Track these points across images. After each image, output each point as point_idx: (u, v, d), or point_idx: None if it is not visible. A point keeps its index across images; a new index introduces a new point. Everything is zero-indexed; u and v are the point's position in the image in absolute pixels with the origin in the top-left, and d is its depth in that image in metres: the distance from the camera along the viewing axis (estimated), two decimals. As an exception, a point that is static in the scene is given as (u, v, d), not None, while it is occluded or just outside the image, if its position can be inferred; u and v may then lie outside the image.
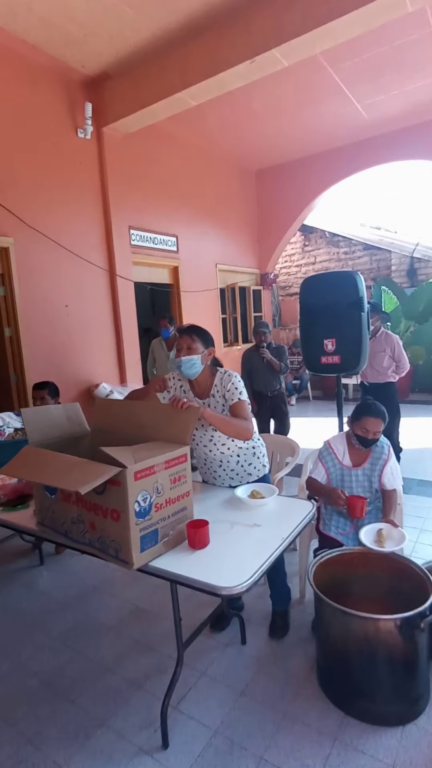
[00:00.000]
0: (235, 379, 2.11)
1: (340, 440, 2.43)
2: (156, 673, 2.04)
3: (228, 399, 2.08)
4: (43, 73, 4.40)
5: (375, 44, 4.46)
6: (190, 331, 2.10)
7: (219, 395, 2.10)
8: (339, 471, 2.38)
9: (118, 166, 5.17)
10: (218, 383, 2.11)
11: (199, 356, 2.05)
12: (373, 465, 2.36)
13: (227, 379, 2.10)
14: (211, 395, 2.12)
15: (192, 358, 2.03)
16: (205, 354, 2.09)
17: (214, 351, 2.14)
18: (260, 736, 1.70)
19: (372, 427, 2.26)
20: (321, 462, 2.40)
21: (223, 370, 2.16)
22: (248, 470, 2.23)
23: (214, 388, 2.12)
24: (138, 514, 1.49)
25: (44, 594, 2.76)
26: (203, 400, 2.14)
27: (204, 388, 2.14)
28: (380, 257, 9.08)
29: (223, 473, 2.23)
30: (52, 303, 4.56)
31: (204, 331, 2.14)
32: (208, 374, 2.14)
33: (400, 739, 1.66)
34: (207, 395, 2.13)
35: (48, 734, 1.77)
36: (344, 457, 2.38)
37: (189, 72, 4.27)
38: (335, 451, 2.40)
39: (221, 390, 2.10)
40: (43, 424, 1.92)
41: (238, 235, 7.76)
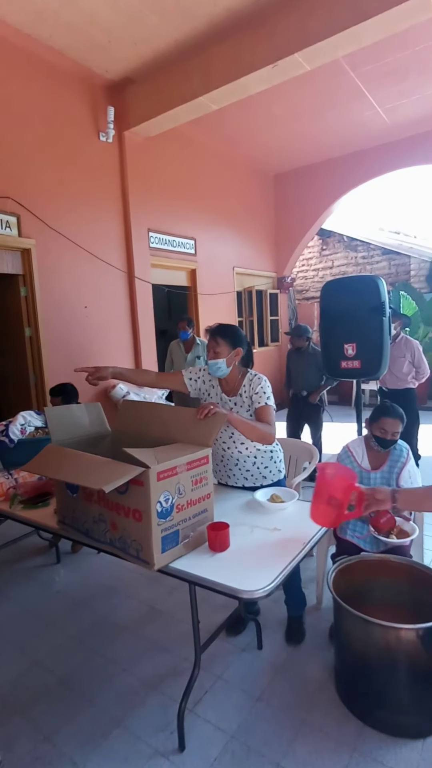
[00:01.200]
0: (264, 383, 2.14)
1: (359, 443, 2.44)
2: (171, 675, 2.04)
3: (255, 401, 2.11)
4: (67, 78, 4.47)
5: (398, 48, 4.43)
6: (215, 333, 2.12)
7: (246, 396, 2.13)
8: (358, 474, 2.36)
9: (138, 169, 5.22)
10: (247, 384, 2.14)
11: (224, 360, 2.08)
12: (392, 468, 2.34)
13: (256, 382, 2.13)
14: (239, 395, 2.15)
15: (217, 362, 2.08)
16: (232, 355, 2.11)
17: (243, 351, 2.14)
18: (277, 742, 1.68)
19: (390, 427, 2.26)
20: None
21: (253, 372, 2.18)
22: (263, 473, 2.23)
23: (243, 388, 2.15)
24: (160, 514, 1.49)
25: (60, 593, 2.78)
26: (231, 398, 2.16)
27: (232, 386, 2.18)
28: (399, 262, 8.99)
29: (239, 473, 2.23)
30: (71, 304, 4.62)
31: (231, 331, 2.14)
32: (236, 374, 2.17)
33: (421, 752, 1.62)
34: (235, 394, 2.16)
35: (65, 732, 1.78)
36: (363, 460, 2.38)
37: (211, 76, 4.30)
38: (354, 454, 2.41)
39: (249, 391, 2.13)
40: (66, 423, 1.94)
41: (255, 238, 7.77)
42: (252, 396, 2.11)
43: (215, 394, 2.21)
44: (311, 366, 4.27)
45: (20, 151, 4.13)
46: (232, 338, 2.11)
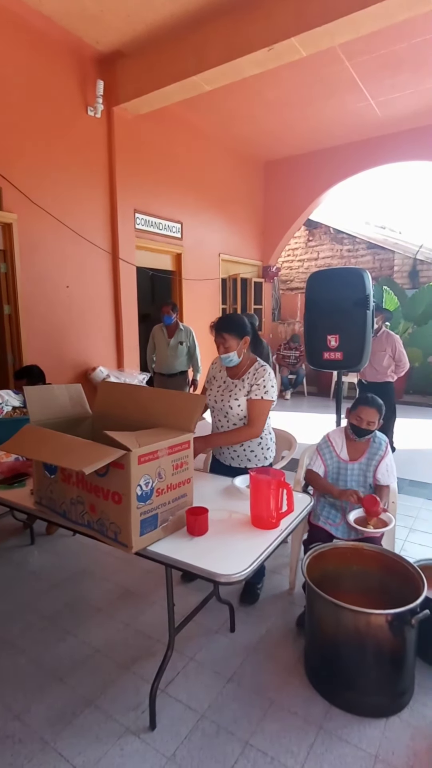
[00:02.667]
0: (268, 376, 2.22)
1: (339, 433, 2.48)
2: (145, 656, 2.06)
3: (252, 392, 2.21)
4: (56, 46, 4.31)
5: (394, 40, 4.41)
6: (221, 330, 2.20)
7: (247, 382, 2.24)
8: (336, 464, 2.42)
9: (126, 147, 5.10)
10: (252, 372, 2.25)
11: (234, 352, 2.21)
12: (370, 460, 2.39)
13: (261, 373, 2.23)
14: (241, 379, 2.26)
15: (228, 356, 2.22)
16: (241, 345, 2.22)
17: (249, 338, 2.24)
18: (247, 721, 1.72)
19: (366, 416, 2.29)
20: (319, 455, 2.45)
21: (261, 362, 2.28)
22: (249, 456, 2.33)
23: (247, 374, 2.26)
24: (140, 498, 1.49)
25: (34, 574, 2.76)
26: (234, 381, 2.29)
27: (238, 371, 2.30)
28: (383, 257, 9.08)
29: (227, 451, 2.37)
30: (53, 283, 4.52)
31: (236, 322, 2.22)
32: (245, 360, 2.29)
33: (384, 730, 1.69)
34: (238, 378, 2.28)
35: (35, 711, 1.78)
36: (342, 451, 2.42)
37: (205, 55, 4.20)
38: (333, 444, 2.44)
39: (251, 380, 2.23)
40: (45, 403, 1.90)
41: (242, 225, 7.71)
42: (252, 385, 2.21)
43: (221, 377, 2.36)
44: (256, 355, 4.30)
45: (2, 120, 3.97)
46: (238, 330, 2.20)
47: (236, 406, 2.25)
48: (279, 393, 8.12)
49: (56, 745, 1.65)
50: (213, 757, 1.59)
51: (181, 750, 1.62)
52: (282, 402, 7.86)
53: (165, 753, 1.61)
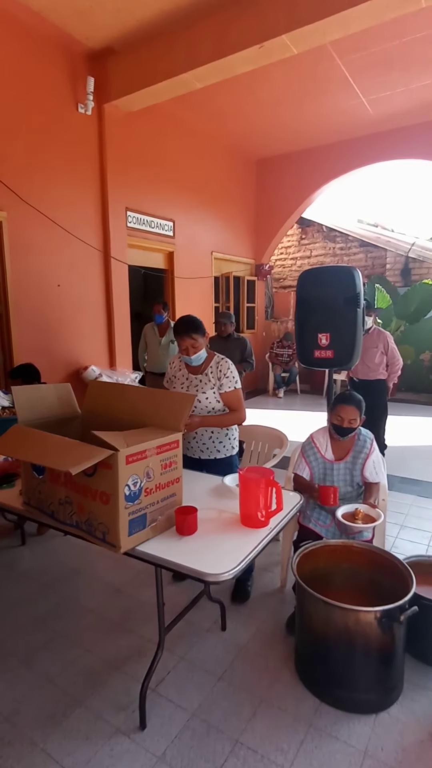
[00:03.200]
0: (232, 366, 2.36)
1: (323, 433, 2.42)
2: (135, 656, 2.05)
3: (225, 385, 2.31)
4: (46, 42, 4.27)
5: (385, 38, 4.42)
6: (188, 331, 2.27)
7: (213, 375, 2.33)
8: (321, 465, 2.37)
9: (118, 145, 5.07)
10: (214, 366, 2.35)
11: (203, 350, 2.32)
12: (355, 458, 2.34)
13: (224, 365, 2.33)
14: (205, 374, 2.35)
15: (199, 355, 2.30)
16: (206, 342, 2.35)
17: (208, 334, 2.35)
18: (237, 719, 1.73)
19: (346, 414, 2.24)
20: (303, 457, 2.39)
21: (220, 356, 2.39)
22: (218, 447, 2.40)
23: (209, 368, 2.35)
24: (128, 498, 1.48)
25: (25, 574, 2.75)
26: (196, 376, 2.36)
27: (199, 366, 2.37)
28: (376, 255, 9.10)
29: (195, 445, 2.40)
30: (43, 281, 4.49)
31: (196, 323, 2.32)
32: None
33: (373, 726, 1.70)
34: (200, 373, 2.36)
35: (25, 713, 1.78)
36: (327, 451, 2.37)
37: (196, 52, 4.18)
38: (318, 445, 2.39)
39: (216, 373, 2.33)
40: (34, 403, 1.89)
41: (235, 223, 7.71)
42: (220, 378, 2.31)
43: (182, 375, 2.42)
44: (235, 352, 4.28)
45: (-8, 116, 3.93)
46: (202, 329, 2.31)
47: (204, 399, 2.31)
48: (272, 391, 8.16)
49: (45, 746, 1.64)
50: (203, 756, 1.59)
51: (171, 749, 1.62)
52: (275, 400, 7.87)
53: (155, 752, 1.61)
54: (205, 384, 2.33)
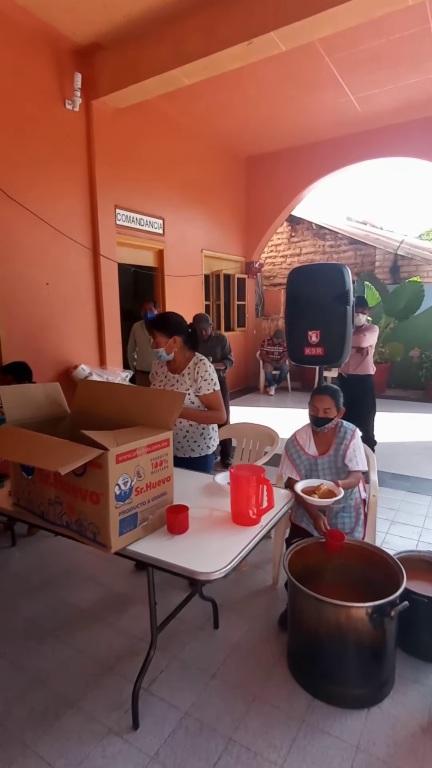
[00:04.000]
0: (210, 368, 2.39)
1: (306, 429, 2.40)
2: (127, 656, 2.05)
3: (203, 388, 2.35)
4: (32, 37, 4.21)
5: (373, 36, 4.42)
6: (152, 326, 2.35)
7: (189, 376, 2.38)
8: (306, 462, 2.34)
9: (106, 142, 5.02)
10: (192, 367, 2.39)
11: (163, 349, 2.34)
12: (337, 450, 2.30)
13: (202, 367, 2.37)
14: (182, 374, 2.40)
15: (157, 351, 2.36)
16: (170, 343, 2.35)
17: (180, 339, 2.37)
18: (230, 717, 1.73)
19: (320, 404, 2.24)
20: (288, 458, 2.35)
21: (199, 356, 2.43)
22: (192, 446, 2.43)
23: (187, 369, 2.40)
24: (118, 497, 1.47)
25: (15, 575, 2.72)
26: (174, 375, 2.43)
27: (177, 366, 2.43)
28: (365, 252, 9.15)
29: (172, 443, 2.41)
30: (32, 280, 4.44)
31: (166, 323, 2.36)
32: (181, 357, 2.41)
33: (365, 721, 1.71)
34: (178, 373, 2.42)
35: (17, 715, 1.76)
36: (310, 447, 2.34)
37: (184, 49, 4.16)
38: (300, 442, 2.36)
39: (193, 374, 2.37)
40: (22, 402, 1.87)
41: (225, 221, 7.69)
42: (197, 380, 2.35)
43: (162, 372, 2.49)
44: (216, 350, 4.31)
45: (-22, 112, 3.87)
46: (168, 329, 2.33)
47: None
48: (263, 389, 8.17)
49: (37, 748, 1.63)
50: (196, 755, 1.59)
51: (164, 748, 1.61)
52: (266, 398, 7.89)
53: (148, 752, 1.60)
54: (181, 384, 2.38)
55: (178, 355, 2.40)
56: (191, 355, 2.42)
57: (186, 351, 2.41)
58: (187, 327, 2.42)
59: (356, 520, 2.31)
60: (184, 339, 2.39)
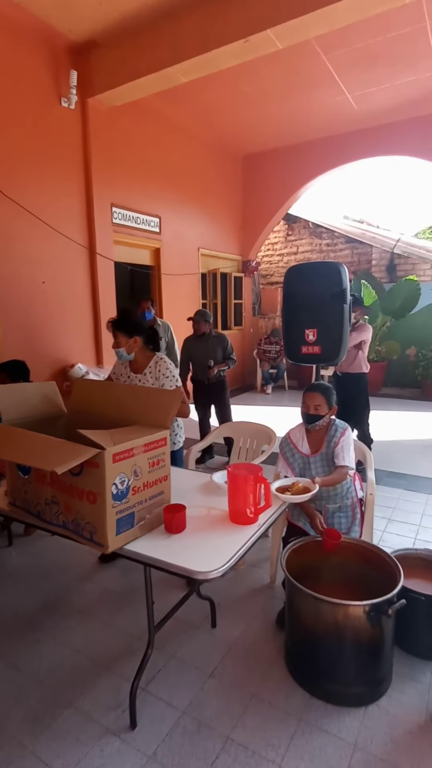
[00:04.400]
0: (171, 366, 2.48)
1: (299, 428, 2.38)
2: (125, 655, 2.04)
3: (166, 385, 2.43)
4: (27, 34, 4.19)
5: (369, 34, 4.42)
6: (113, 326, 2.42)
7: (151, 375, 2.48)
8: (300, 460, 2.33)
9: (102, 140, 5.00)
10: (152, 365, 2.48)
11: (123, 349, 2.42)
12: (329, 448, 2.29)
13: (162, 365, 2.46)
14: (143, 374, 2.50)
15: (118, 351, 2.43)
16: (131, 343, 2.42)
17: (141, 339, 2.44)
18: (228, 716, 1.73)
19: (310, 400, 2.25)
20: (282, 456, 2.34)
21: (160, 355, 2.51)
22: None
23: (148, 368, 2.49)
24: (115, 496, 1.46)
25: (12, 575, 2.71)
26: (137, 375, 2.51)
27: (139, 366, 2.52)
28: (361, 251, 9.16)
29: None
30: (28, 279, 4.42)
31: (126, 323, 2.43)
32: (141, 356, 2.49)
33: (363, 719, 1.71)
34: (140, 372, 2.51)
35: (14, 715, 1.75)
36: (303, 445, 2.33)
37: (181, 46, 4.14)
38: (294, 440, 2.35)
39: (155, 372, 2.47)
40: (18, 401, 1.86)
41: (222, 219, 7.68)
42: (159, 378, 2.44)
43: (125, 373, 2.56)
44: (218, 349, 4.21)
45: (-27, 110, 3.84)
46: (128, 329, 2.41)
47: None
48: (260, 387, 8.17)
49: (35, 749, 1.62)
50: (194, 754, 1.58)
51: (162, 748, 1.61)
52: (263, 396, 7.89)
53: (146, 752, 1.60)
54: (144, 384, 2.46)
55: (138, 355, 2.48)
56: (152, 355, 2.50)
57: (146, 351, 2.49)
58: (147, 328, 2.51)
59: (353, 519, 2.31)
60: (145, 339, 2.47)
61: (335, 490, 2.27)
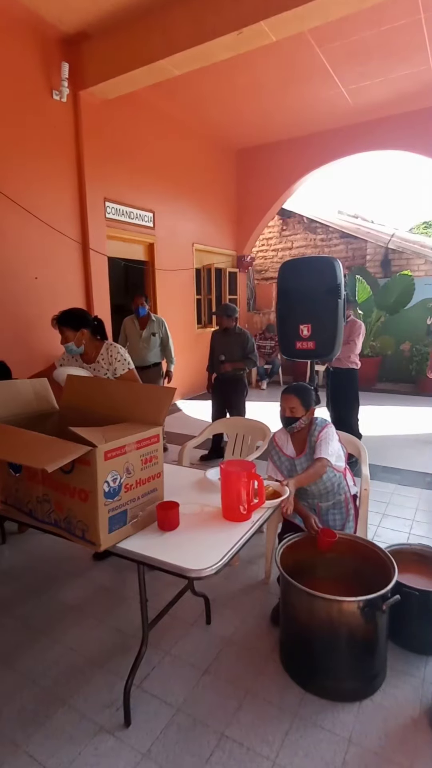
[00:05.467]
0: (122, 350, 2.58)
1: (283, 431, 2.34)
2: (119, 653, 2.03)
3: (119, 369, 2.54)
4: (16, 25, 4.11)
5: (364, 27, 4.39)
6: (58, 323, 2.48)
7: (104, 362, 2.56)
8: (286, 463, 2.29)
9: (94, 133, 4.94)
10: (104, 352, 2.56)
11: (72, 343, 2.48)
12: (311, 449, 2.25)
13: (113, 350, 2.56)
14: (97, 361, 2.57)
15: (68, 345, 2.50)
16: (78, 336, 2.49)
17: (87, 330, 2.51)
18: (222, 713, 1.72)
19: (285, 403, 2.22)
20: (272, 461, 2.32)
21: (110, 342, 2.59)
22: None
23: (100, 356, 2.57)
24: (107, 494, 1.45)
25: (5, 573, 2.69)
26: (89, 365, 2.58)
27: (90, 356, 2.59)
28: (356, 246, 9.14)
29: None
30: (19, 274, 4.37)
31: (71, 317, 2.49)
32: (91, 347, 2.57)
33: (357, 713, 1.72)
34: (93, 361, 2.58)
35: (7, 714, 1.74)
36: (287, 447, 2.30)
37: (174, 38, 4.09)
38: (279, 444, 2.32)
39: (107, 358, 2.55)
40: (9, 399, 1.83)
41: (216, 214, 7.63)
42: (112, 363, 2.53)
43: (78, 365, 2.60)
44: (237, 347, 4.13)
45: (-38, 102, 3.78)
46: (73, 323, 2.47)
47: None
48: (255, 383, 8.15)
49: (28, 748, 1.61)
50: (189, 751, 1.58)
51: (156, 745, 1.61)
52: (258, 392, 7.88)
53: (140, 749, 1.59)
54: (98, 371, 2.55)
55: (88, 346, 2.55)
56: (100, 344, 2.58)
57: (95, 341, 2.57)
58: (92, 319, 2.58)
59: (347, 515, 2.31)
60: (91, 330, 2.54)
61: (325, 488, 2.23)
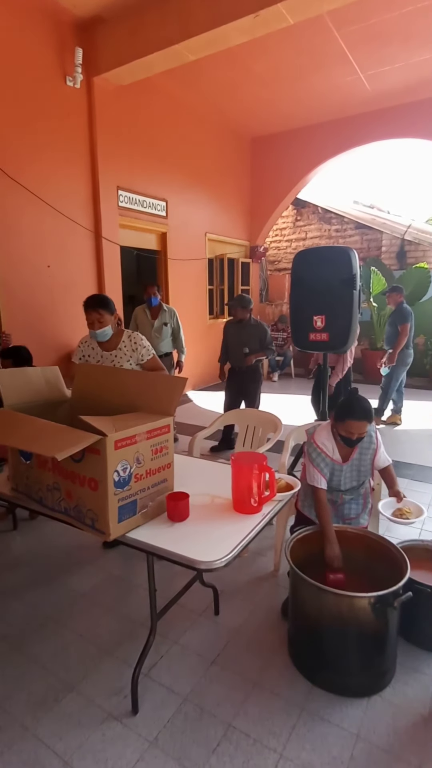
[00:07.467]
0: (144, 338, 2.59)
1: (327, 437, 2.20)
2: (128, 641, 2.04)
3: (143, 355, 2.55)
4: (31, 10, 4.07)
5: (384, 9, 4.26)
6: (97, 306, 2.43)
7: (127, 349, 2.54)
8: (329, 467, 2.19)
9: (108, 120, 4.90)
10: (126, 339, 2.55)
11: (109, 326, 2.47)
12: (362, 455, 2.20)
13: (136, 338, 2.56)
14: (119, 348, 2.54)
15: (104, 330, 2.46)
16: (114, 320, 2.50)
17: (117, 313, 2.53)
18: (230, 704, 1.72)
19: (356, 429, 2.06)
20: (316, 469, 2.14)
21: (129, 330, 2.60)
22: None
23: (122, 343, 2.54)
24: (117, 484, 1.44)
25: (16, 559, 2.72)
26: (110, 352, 2.54)
27: (112, 344, 2.55)
28: (371, 237, 8.99)
29: None
30: (33, 263, 4.37)
31: (106, 300, 2.48)
32: (115, 333, 2.56)
33: (365, 709, 1.70)
34: (114, 348, 2.55)
35: (17, 698, 1.76)
36: (334, 453, 2.19)
37: (190, 22, 4.02)
38: (325, 450, 2.19)
39: (130, 345, 2.54)
40: (21, 387, 1.83)
41: (229, 204, 7.55)
42: (137, 349, 2.53)
43: (95, 354, 2.57)
44: (253, 338, 4.07)
45: (-24, 88, 3.76)
46: (110, 307, 2.47)
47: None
48: (266, 375, 8.10)
49: (37, 731, 1.63)
50: (195, 740, 1.58)
51: (163, 734, 1.61)
52: (269, 384, 7.83)
53: (147, 737, 1.60)
54: (120, 358, 2.52)
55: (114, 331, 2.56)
56: (121, 331, 2.57)
57: (116, 326, 2.58)
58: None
59: (364, 506, 2.30)
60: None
61: (355, 488, 2.22)
